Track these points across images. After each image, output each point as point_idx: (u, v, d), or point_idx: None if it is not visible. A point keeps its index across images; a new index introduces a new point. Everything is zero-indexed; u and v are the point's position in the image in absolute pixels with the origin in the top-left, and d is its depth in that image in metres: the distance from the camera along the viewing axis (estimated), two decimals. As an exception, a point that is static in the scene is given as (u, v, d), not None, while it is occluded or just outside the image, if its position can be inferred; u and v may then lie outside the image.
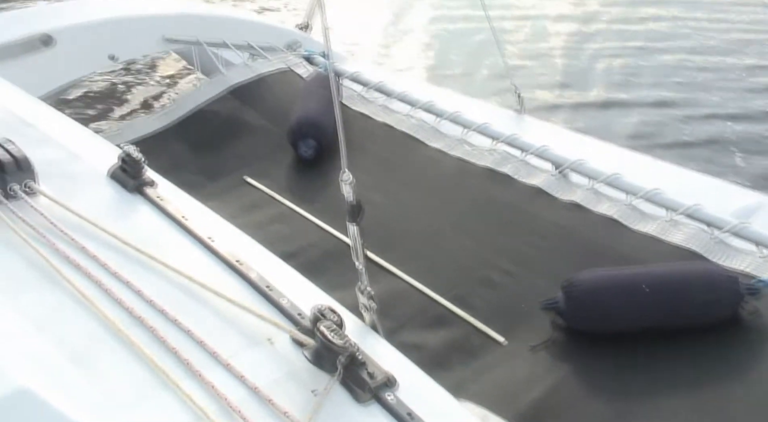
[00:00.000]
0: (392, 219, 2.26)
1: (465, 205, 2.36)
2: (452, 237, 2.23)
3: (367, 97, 2.95)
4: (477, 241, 2.20)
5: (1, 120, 1.42)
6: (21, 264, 1.07)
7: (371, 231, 1.29)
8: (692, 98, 4.85)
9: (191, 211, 1.25)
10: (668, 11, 6.49)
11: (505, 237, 2.21)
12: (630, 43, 5.73)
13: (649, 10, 6.49)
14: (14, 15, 3.21)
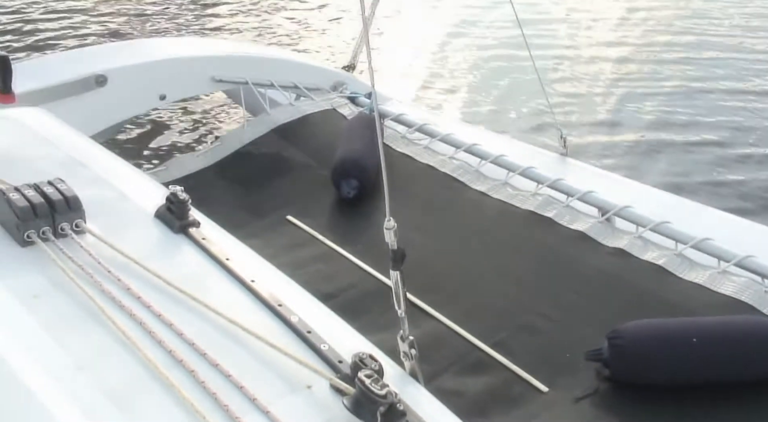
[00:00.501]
0: (433, 261, 2.24)
1: (507, 249, 2.34)
2: (493, 281, 2.20)
3: (411, 138, 2.96)
4: (519, 286, 2.17)
5: (54, 159, 1.46)
6: (67, 302, 1.08)
7: (411, 273, 1.28)
8: (742, 139, 4.76)
9: (234, 252, 1.26)
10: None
11: (547, 283, 2.18)
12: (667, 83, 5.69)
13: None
14: (70, 55, 3.32)
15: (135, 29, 6.27)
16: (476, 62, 6.06)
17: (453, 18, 7.14)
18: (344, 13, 6.97)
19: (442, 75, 5.79)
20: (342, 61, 3.88)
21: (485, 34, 6.60)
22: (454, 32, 6.77)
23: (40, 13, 6.46)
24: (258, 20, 6.78)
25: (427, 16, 7.16)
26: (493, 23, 6.84)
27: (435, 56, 6.18)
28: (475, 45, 6.38)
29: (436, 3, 7.39)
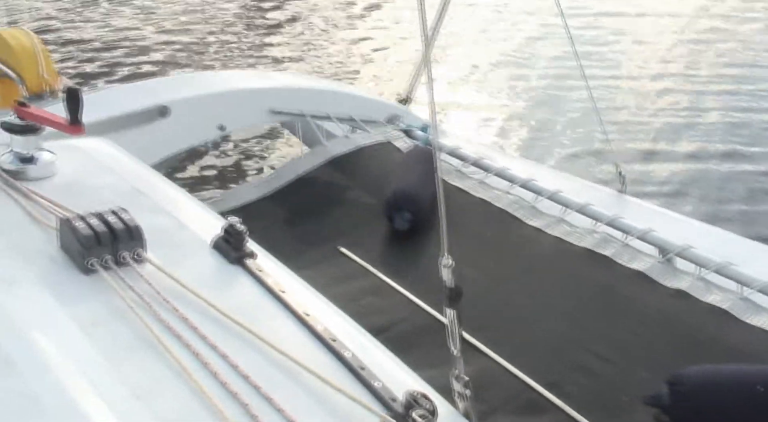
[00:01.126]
0: (486, 297, 2.21)
1: (562, 287, 2.29)
2: (548, 319, 2.16)
3: (465, 172, 2.95)
4: (574, 325, 2.12)
5: (117, 188, 1.50)
6: (126, 330, 1.10)
7: (464, 309, 1.26)
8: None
9: (289, 285, 1.26)
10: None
11: (603, 323, 2.12)
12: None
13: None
14: (135, 87, 3.43)
15: (196, 61, 6.46)
16: (530, 93, 6.05)
17: (505, 47, 7.16)
18: (401, 47, 7.05)
19: (495, 106, 5.79)
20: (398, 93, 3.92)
21: (538, 63, 6.59)
22: (506, 62, 6.79)
23: (105, 43, 6.72)
24: (314, 52, 6.91)
25: (480, 45, 7.19)
26: (545, 52, 6.84)
27: (488, 88, 6.19)
28: (528, 76, 6.37)
29: (488, 35, 7.41)
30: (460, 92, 5.92)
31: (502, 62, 6.75)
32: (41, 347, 1.03)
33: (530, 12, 8.02)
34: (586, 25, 7.35)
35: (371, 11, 8.40)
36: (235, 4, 8.33)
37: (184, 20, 7.75)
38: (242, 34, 7.30)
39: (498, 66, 6.68)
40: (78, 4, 8.07)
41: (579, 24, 7.09)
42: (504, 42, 7.31)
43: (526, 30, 7.60)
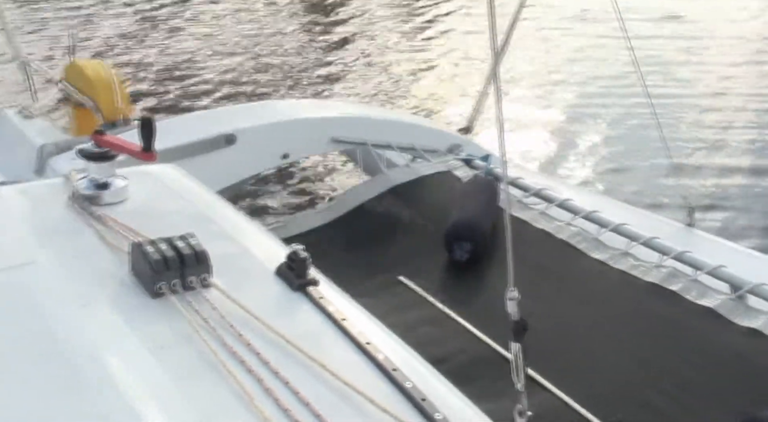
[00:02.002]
0: (549, 331, 2.17)
1: (627, 322, 2.23)
2: (612, 354, 2.10)
3: (527, 203, 2.92)
4: (639, 361, 2.06)
5: (186, 214, 1.54)
6: (191, 354, 1.12)
7: (526, 342, 1.24)
8: None
9: (350, 313, 1.27)
10: None
11: (670, 360, 2.05)
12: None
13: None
14: (202, 115, 3.55)
15: (261, 90, 6.62)
16: (593, 125, 5.97)
17: (566, 75, 7.12)
18: (463, 76, 7.08)
19: (558, 136, 5.73)
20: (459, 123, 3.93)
21: (603, 98, 6.52)
22: (568, 89, 6.74)
23: (164, 67, 6.96)
24: (376, 81, 7.00)
25: (541, 72, 7.16)
26: (608, 75, 6.77)
27: (550, 116, 6.14)
28: (593, 113, 6.28)
29: (553, 67, 7.38)
30: (521, 122, 5.88)
31: (564, 92, 6.71)
32: (111, 367, 1.05)
33: (589, 36, 7.99)
34: (650, 46, 7.25)
35: (432, 38, 8.48)
36: (293, 28, 8.53)
37: (244, 44, 7.98)
38: (306, 65, 7.44)
39: (559, 95, 6.63)
40: (138, 29, 8.40)
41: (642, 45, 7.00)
42: (565, 69, 7.27)
43: (588, 53, 7.56)
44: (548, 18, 8.63)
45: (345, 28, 8.86)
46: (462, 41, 8.22)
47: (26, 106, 3.43)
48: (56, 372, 1.03)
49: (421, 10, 9.59)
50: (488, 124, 4.26)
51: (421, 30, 8.77)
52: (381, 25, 9.03)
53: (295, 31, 8.69)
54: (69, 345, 1.09)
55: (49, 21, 8.68)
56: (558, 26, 8.57)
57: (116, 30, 8.51)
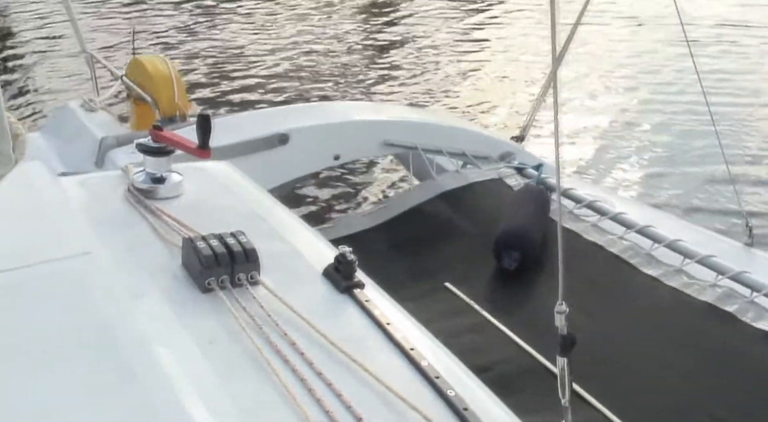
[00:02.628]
0: (596, 346, 2.13)
1: (679, 341, 2.18)
2: (662, 375, 2.05)
3: (578, 214, 2.88)
4: (691, 383, 2.01)
5: (237, 211, 1.56)
6: (238, 350, 1.13)
7: (572, 357, 1.22)
8: None
9: (395, 318, 1.27)
10: None
11: (722, 383, 1.99)
12: None
13: None
14: (257, 114, 3.59)
15: (315, 92, 6.68)
16: (650, 136, 5.85)
17: (624, 81, 7.00)
18: (517, 82, 7.02)
19: (615, 147, 5.63)
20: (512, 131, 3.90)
21: (660, 105, 6.38)
22: (624, 96, 6.62)
23: (230, 72, 7.07)
24: (427, 83, 6.99)
25: (601, 85, 7.05)
26: (666, 81, 6.63)
27: (606, 126, 6.04)
28: (648, 121, 6.16)
29: (609, 73, 7.26)
30: (575, 130, 5.80)
31: (620, 98, 6.60)
32: (160, 359, 1.07)
33: (648, 41, 7.85)
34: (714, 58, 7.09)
35: (486, 41, 8.44)
36: (347, 27, 8.59)
37: (297, 41, 8.06)
38: (359, 68, 7.48)
39: (615, 102, 6.52)
40: (193, 23, 8.57)
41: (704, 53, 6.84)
42: (622, 76, 7.15)
43: (646, 58, 7.42)
44: (606, 22, 8.51)
45: (398, 29, 8.88)
46: (517, 46, 8.16)
47: (89, 99, 3.52)
48: (106, 362, 1.05)
49: (476, 14, 9.56)
50: (541, 132, 4.21)
51: (475, 32, 8.74)
52: (435, 25, 9.03)
53: (348, 31, 8.76)
54: (120, 335, 1.12)
55: (110, 15, 8.92)
56: (616, 30, 8.44)
57: (173, 24, 8.71)
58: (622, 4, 9.36)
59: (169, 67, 3.29)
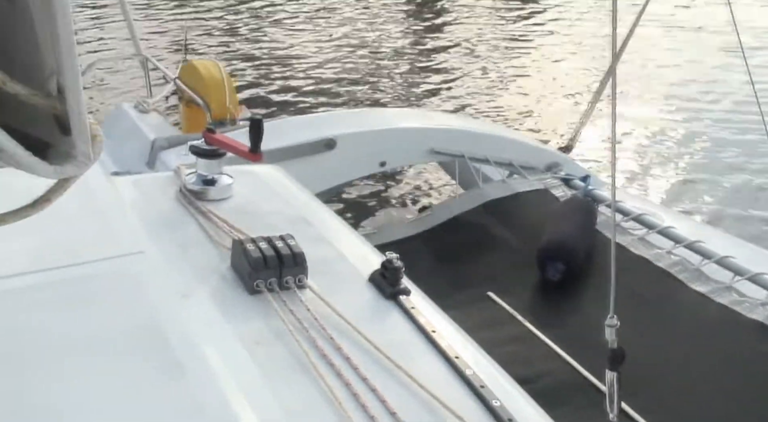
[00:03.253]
0: (641, 361, 2.08)
1: (727, 360, 2.13)
2: (709, 393, 2.01)
3: (625, 227, 2.84)
4: (738, 403, 1.96)
5: (285, 215, 1.58)
6: (284, 352, 1.14)
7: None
8: None
9: (440, 325, 1.27)
10: None
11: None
12: None
13: None
14: (305, 119, 3.62)
15: (361, 96, 6.72)
16: (702, 150, 5.73)
17: (676, 91, 6.88)
18: (567, 95, 6.96)
19: (663, 162, 5.53)
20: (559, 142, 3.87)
21: (712, 118, 6.25)
22: (677, 106, 6.50)
23: (276, 75, 7.16)
24: (476, 92, 6.96)
25: (649, 86, 6.94)
26: (722, 91, 6.49)
27: (657, 137, 5.93)
28: (701, 132, 6.04)
29: (662, 81, 7.14)
30: (624, 141, 5.71)
31: (672, 108, 6.48)
32: (207, 359, 1.09)
33: (702, 48, 7.71)
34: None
35: (533, 49, 8.38)
36: (396, 31, 8.62)
37: (344, 45, 8.12)
38: (405, 76, 7.50)
39: (667, 112, 6.41)
40: (240, 26, 8.70)
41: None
42: (675, 84, 7.04)
43: (698, 73, 7.29)
44: (660, 29, 8.39)
45: (444, 34, 8.89)
46: (565, 55, 8.09)
47: (142, 101, 3.60)
48: (156, 358, 1.08)
49: (522, 20, 9.51)
50: (588, 143, 4.15)
51: (521, 40, 8.68)
52: (481, 30, 9.02)
53: (394, 35, 8.80)
54: (170, 333, 1.14)
55: (158, 17, 9.12)
56: (667, 38, 8.31)
57: (220, 26, 8.87)
58: (675, 13, 9.22)
59: (221, 71, 3.34)
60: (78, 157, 0.54)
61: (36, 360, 1.04)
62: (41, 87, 0.52)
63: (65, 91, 0.51)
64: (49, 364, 1.03)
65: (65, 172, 0.54)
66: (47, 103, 0.52)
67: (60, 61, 0.50)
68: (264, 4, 9.93)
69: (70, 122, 0.52)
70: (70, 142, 0.53)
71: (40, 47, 0.51)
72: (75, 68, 0.51)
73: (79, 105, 0.52)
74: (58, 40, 0.49)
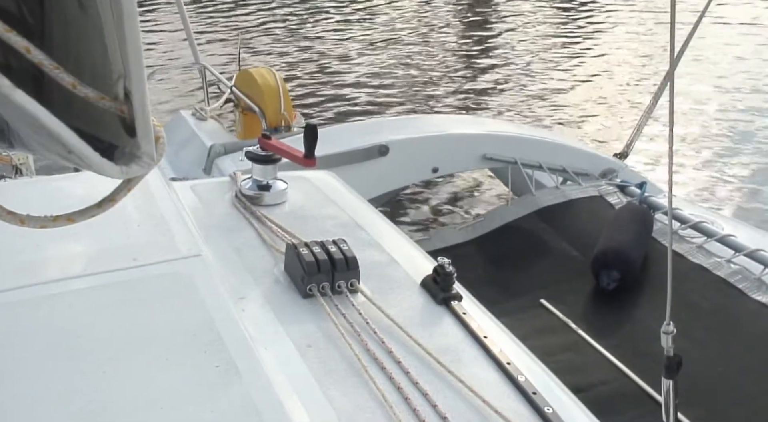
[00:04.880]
0: (700, 372, 2.05)
1: None
2: (766, 404, 1.95)
3: (682, 235, 2.78)
4: None
5: (338, 220, 1.60)
6: (335, 355, 1.16)
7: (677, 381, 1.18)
8: None
9: (492, 331, 1.26)
10: None
11: None
12: None
13: None
14: (358, 126, 3.66)
15: (415, 105, 6.73)
16: (758, 155, 5.56)
17: (733, 98, 6.68)
18: (620, 100, 6.84)
19: (725, 165, 5.38)
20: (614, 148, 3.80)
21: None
22: (739, 116, 6.32)
23: (328, 81, 7.23)
24: (529, 98, 6.90)
25: (712, 99, 6.76)
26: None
27: (716, 143, 5.78)
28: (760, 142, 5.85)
29: (716, 87, 6.95)
30: (679, 148, 5.57)
31: (730, 115, 6.31)
32: (261, 359, 1.11)
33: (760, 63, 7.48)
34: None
35: (588, 55, 8.26)
36: (447, 39, 8.61)
37: (396, 53, 8.15)
38: (459, 83, 7.48)
39: (724, 119, 6.24)
40: (287, 34, 8.82)
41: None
42: (731, 90, 6.84)
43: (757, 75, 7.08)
44: (717, 32, 8.19)
45: (495, 41, 8.84)
46: (620, 59, 7.95)
47: (200, 109, 3.69)
48: (212, 359, 1.10)
49: (576, 25, 9.39)
50: (643, 149, 4.07)
51: (574, 45, 8.57)
52: (533, 36, 8.93)
53: (445, 42, 8.79)
54: (225, 334, 1.17)
55: (211, 24, 9.31)
56: (727, 42, 8.10)
57: (273, 31, 9.02)
58: (735, 15, 8.99)
59: (277, 78, 3.40)
60: (143, 158, 0.56)
61: (96, 359, 1.08)
62: (109, 90, 0.54)
63: (132, 95, 0.54)
64: (108, 363, 1.07)
65: (130, 172, 0.57)
66: (114, 105, 0.54)
67: (127, 66, 0.52)
68: (316, 10, 10.06)
69: (136, 124, 0.55)
70: (135, 144, 0.56)
71: (108, 52, 0.53)
72: (141, 72, 0.54)
73: (144, 107, 0.55)
74: (126, 44, 0.51)
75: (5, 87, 0.47)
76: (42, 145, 0.56)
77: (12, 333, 1.13)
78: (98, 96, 0.53)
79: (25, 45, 0.48)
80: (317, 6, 10.27)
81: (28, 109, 0.49)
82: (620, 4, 10.33)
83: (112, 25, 0.51)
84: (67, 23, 0.55)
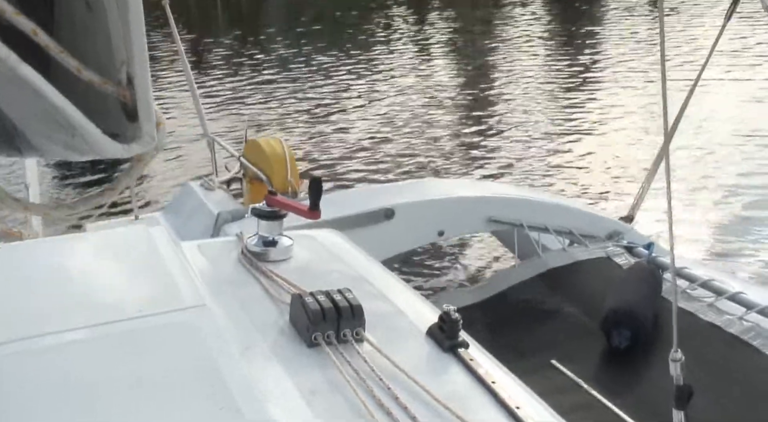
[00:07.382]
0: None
1: None
2: None
3: (692, 294, 2.76)
4: None
5: (344, 274, 1.60)
6: (341, 402, 1.14)
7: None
8: None
9: (500, 377, 1.25)
10: None
11: None
12: None
13: None
14: (365, 190, 3.70)
15: (420, 169, 6.82)
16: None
17: (736, 156, 6.75)
18: (622, 159, 6.92)
19: (731, 227, 5.38)
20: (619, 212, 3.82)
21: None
22: (742, 176, 6.36)
23: (332, 146, 7.36)
24: (532, 165, 6.98)
25: (713, 160, 6.82)
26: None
27: (722, 205, 5.79)
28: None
29: (719, 145, 7.02)
30: (685, 209, 5.58)
31: (734, 181, 6.35)
32: (267, 408, 1.10)
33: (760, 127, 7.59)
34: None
35: (590, 117, 8.40)
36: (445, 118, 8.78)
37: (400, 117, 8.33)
38: (463, 150, 7.59)
39: (729, 177, 6.29)
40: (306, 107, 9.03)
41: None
42: (733, 149, 6.92)
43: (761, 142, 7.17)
44: (716, 93, 8.34)
45: (498, 107, 9.04)
46: (623, 123, 8.08)
47: (208, 179, 3.74)
48: (217, 407, 1.09)
49: (580, 90, 9.59)
50: (648, 211, 4.08)
51: (579, 110, 8.74)
52: (536, 103, 9.12)
53: (446, 108, 9.00)
54: (230, 382, 1.15)
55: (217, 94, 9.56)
56: (726, 103, 8.24)
57: (273, 98, 9.25)
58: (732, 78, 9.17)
59: (284, 147, 3.46)
60: (144, 137, 0.58)
61: (100, 409, 1.07)
62: (112, 76, 0.56)
63: (134, 80, 0.56)
64: (113, 414, 1.06)
65: (132, 150, 0.58)
66: (117, 90, 0.56)
67: (130, 53, 0.54)
68: (323, 68, 10.36)
69: (138, 108, 0.56)
70: (137, 128, 0.57)
71: (112, 40, 0.55)
72: (144, 59, 0.55)
73: (147, 90, 0.56)
74: (130, 32, 0.53)
75: (12, 60, 0.49)
76: (48, 137, 0.57)
77: (15, 384, 1.12)
78: (102, 81, 0.55)
79: (33, 27, 0.50)
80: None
81: (33, 82, 0.50)
82: (628, 60, 10.53)
83: (116, 13, 0.54)
84: (72, 13, 0.57)
